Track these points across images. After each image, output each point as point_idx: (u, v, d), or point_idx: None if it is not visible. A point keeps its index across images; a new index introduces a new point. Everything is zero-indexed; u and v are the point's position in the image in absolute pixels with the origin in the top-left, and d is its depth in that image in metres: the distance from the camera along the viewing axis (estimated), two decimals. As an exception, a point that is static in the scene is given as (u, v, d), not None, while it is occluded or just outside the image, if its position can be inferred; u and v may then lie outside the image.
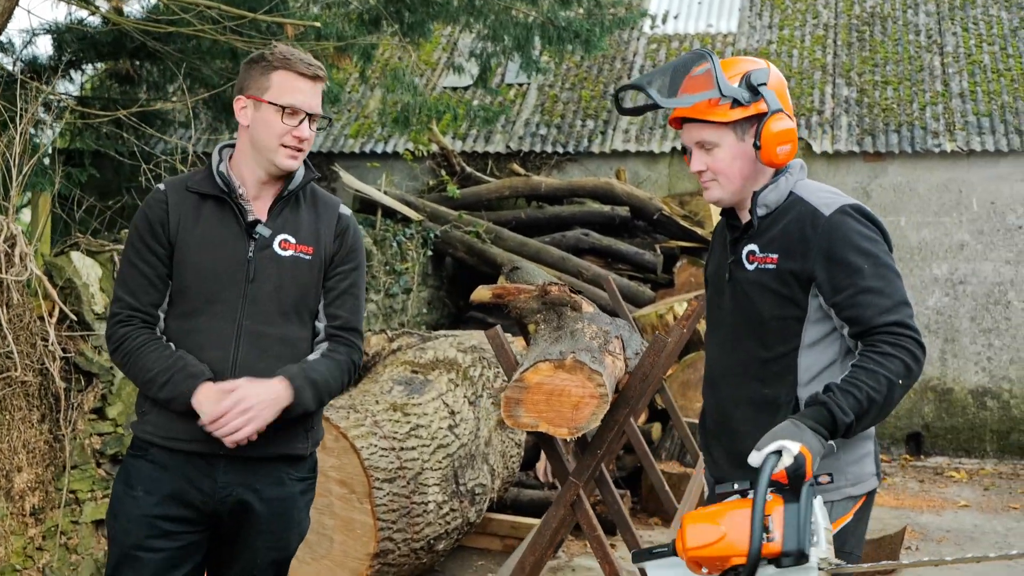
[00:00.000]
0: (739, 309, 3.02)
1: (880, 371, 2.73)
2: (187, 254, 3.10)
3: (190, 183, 3.17)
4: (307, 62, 3.11)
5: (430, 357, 6.54)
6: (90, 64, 9.84)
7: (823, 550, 2.56)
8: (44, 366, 5.60)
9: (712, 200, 3.06)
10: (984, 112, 12.04)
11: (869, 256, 2.84)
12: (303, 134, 3.09)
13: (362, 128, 13.20)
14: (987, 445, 11.72)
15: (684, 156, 3.20)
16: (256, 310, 3.10)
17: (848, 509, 2.93)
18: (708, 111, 2.92)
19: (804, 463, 2.61)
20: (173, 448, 3.09)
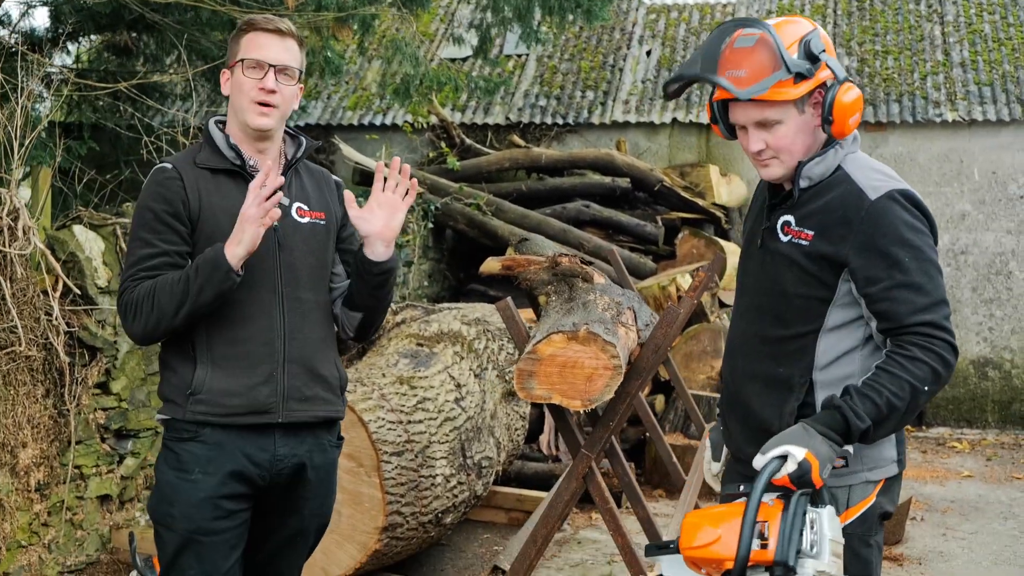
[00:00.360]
0: (764, 280, 2.89)
1: (904, 376, 2.61)
2: (216, 228, 3.05)
3: (198, 160, 3.13)
4: (271, 19, 3.13)
5: (435, 330, 6.51)
6: (88, 36, 9.76)
7: (824, 563, 2.49)
8: (48, 341, 5.57)
9: (772, 178, 2.86)
10: (985, 81, 11.99)
11: (912, 248, 2.68)
12: (267, 84, 3.07)
13: (360, 100, 13.13)
14: (989, 415, 11.74)
15: (713, 127, 2.99)
16: (292, 277, 3.13)
17: (867, 493, 2.80)
18: (776, 92, 2.71)
19: (809, 470, 2.54)
20: (230, 424, 3.07)
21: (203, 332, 3.07)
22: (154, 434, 6.32)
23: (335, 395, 3.26)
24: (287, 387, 3.10)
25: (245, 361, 3.07)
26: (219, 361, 3.07)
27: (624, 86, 12.83)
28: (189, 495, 3.06)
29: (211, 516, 3.06)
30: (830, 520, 2.54)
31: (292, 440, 3.15)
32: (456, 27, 13.53)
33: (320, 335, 3.21)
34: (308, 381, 3.15)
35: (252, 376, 3.07)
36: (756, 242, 2.95)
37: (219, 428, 3.07)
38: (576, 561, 6.56)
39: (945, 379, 2.66)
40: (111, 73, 9.59)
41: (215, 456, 3.07)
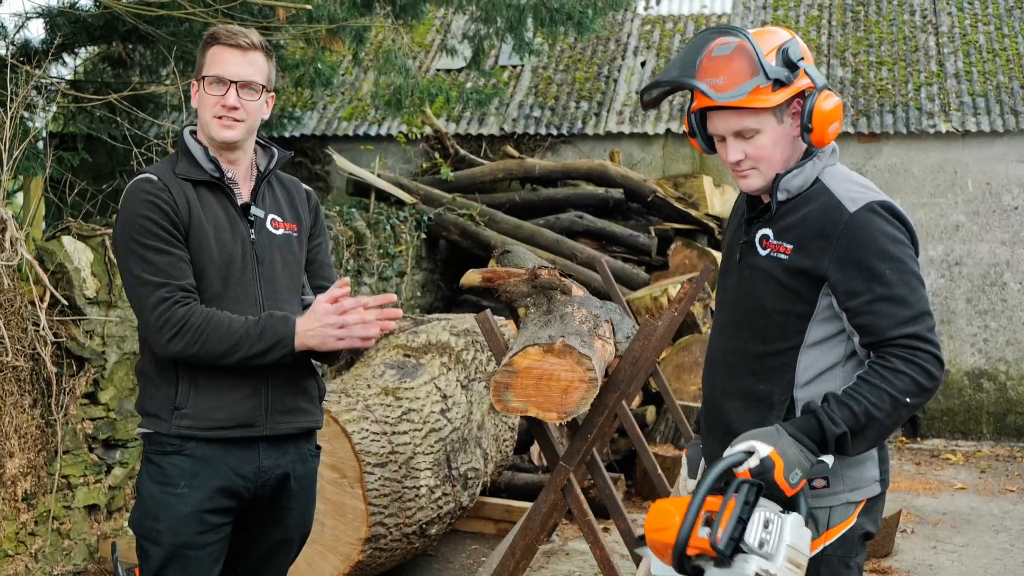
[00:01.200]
0: (743, 295, 2.86)
1: (884, 387, 2.59)
2: (201, 240, 3.07)
3: (177, 171, 3.12)
4: (234, 32, 3.11)
5: (423, 341, 6.52)
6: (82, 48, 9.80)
7: (775, 566, 2.47)
8: (36, 351, 5.59)
9: (751, 189, 2.82)
10: (979, 92, 12.01)
11: (892, 260, 2.65)
12: (228, 102, 3.07)
13: (356, 111, 13.17)
14: (983, 427, 11.73)
15: (691, 140, 2.95)
16: (271, 289, 3.14)
17: (848, 514, 2.77)
18: (753, 99, 2.67)
19: (771, 468, 2.52)
20: (214, 439, 3.07)
21: None
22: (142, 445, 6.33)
23: (314, 405, 3.28)
24: (271, 400, 3.12)
25: (230, 375, 3.06)
26: (203, 375, 3.06)
27: (618, 97, 12.86)
28: (175, 509, 3.05)
29: (196, 530, 3.06)
30: (793, 527, 2.52)
31: (275, 452, 3.16)
32: (451, 38, 13.56)
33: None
34: (291, 393, 3.17)
35: (237, 390, 3.08)
36: (735, 256, 2.92)
37: (204, 442, 3.07)
38: (564, 572, 6.57)
39: (930, 391, 2.63)
40: (106, 84, 9.63)
41: (201, 470, 3.07)
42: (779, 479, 2.53)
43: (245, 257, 3.11)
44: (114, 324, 6.08)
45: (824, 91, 2.72)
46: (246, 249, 3.11)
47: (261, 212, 3.18)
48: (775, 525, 2.52)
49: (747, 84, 2.66)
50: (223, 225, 3.11)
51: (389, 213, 10.23)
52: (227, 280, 3.08)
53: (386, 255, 9.95)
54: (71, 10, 9.00)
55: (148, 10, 7.57)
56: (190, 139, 3.19)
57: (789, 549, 2.51)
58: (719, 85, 2.68)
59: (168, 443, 3.08)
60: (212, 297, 3.07)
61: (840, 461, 2.74)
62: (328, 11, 8.24)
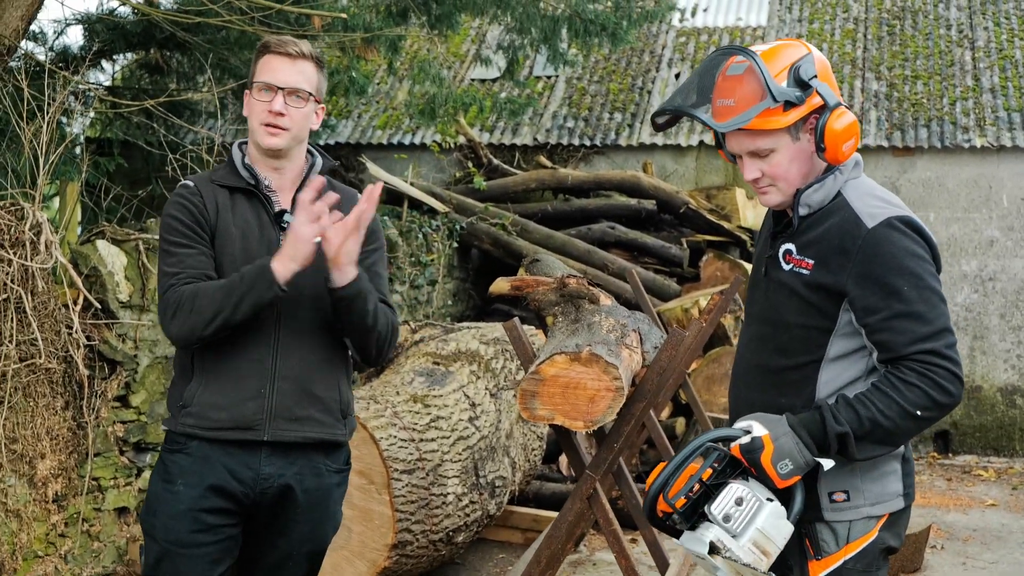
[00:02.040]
0: (767, 309, 2.87)
1: (895, 396, 2.60)
2: (226, 244, 3.12)
3: (214, 177, 3.21)
4: (284, 41, 3.15)
5: (452, 349, 6.55)
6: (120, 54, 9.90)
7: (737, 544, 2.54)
8: (68, 353, 5.65)
9: (771, 204, 2.85)
10: (1015, 107, 11.92)
11: (911, 276, 2.64)
12: (273, 107, 3.10)
13: (390, 120, 13.22)
14: (1016, 444, 11.62)
15: (719, 151, 2.97)
16: (293, 295, 3.09)
17: (869, 529, 2.76)
18: (762, 121, 2.69)
19: (760, 448, 2.58)
20: (214, 439, 3.09)
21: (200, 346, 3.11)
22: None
23: (334, 418, 3.21)
24: (276, 405, 3.10)
25: (234, 375, 3.09)
26: (209, 374, 3.11)
27: (652, 108, 12.85)
28: (170, 506, 3.09)
29: (189, 529, 3.08)
30: (771, 515, 2.58)
31: (280, 460, 3.13)
32: (485, 48, 13.60)
33: (323, 356, 3.18)
34: (301, 401, 3.13)
35: (240, 391, 3.09)
36: (761, 271, 2.93)
37: (205, 442, 3.09)
38: (589, 582, 6.56)
39: (946, 407, 2.62)
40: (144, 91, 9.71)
41: (198, 469, 3.08)
42: (765, 462, 2.59)
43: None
44: (146, 328, 6.14)
45: (837, 109, 2.71)
46: (271, 253, 3.10)
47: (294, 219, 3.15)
48: (749, 505, 2.59)
49: (755, 108, 2.67)
50: (252, 231, 3.15)
51: (422, 222, 10.27)
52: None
53: (418, 263, 9.98)
54: (110, 17, 9.10)
55: (186, 17, 7.64)
56: (235, 149, 3.26)
57: (757, 532, 2.56)
58: (729, 107, 2.71)
59: (175, 441, 3.13)
60: None
61: (861, 475, 2.76)
62: (363, 20, 8.29)
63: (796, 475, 2.62)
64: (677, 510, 2.58)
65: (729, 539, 2.56)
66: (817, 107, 2.72)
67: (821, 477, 2.74)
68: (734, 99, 2.70)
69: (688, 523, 2.62)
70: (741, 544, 2.57)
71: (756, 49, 2.76)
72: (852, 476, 2.75)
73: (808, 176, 2.80)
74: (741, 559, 2.56)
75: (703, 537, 2.59)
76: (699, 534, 2.60)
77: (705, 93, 2.77)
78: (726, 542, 2.56)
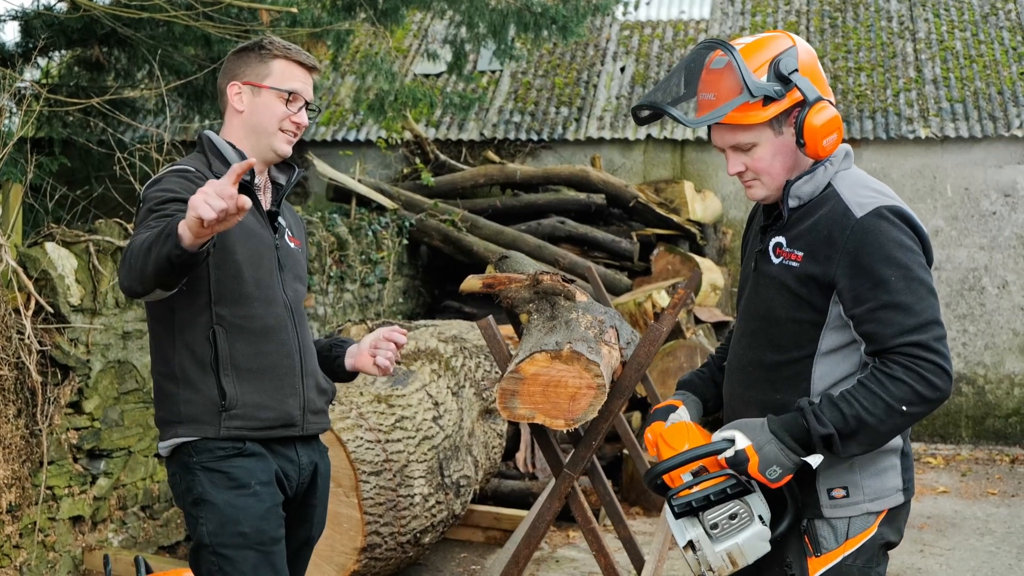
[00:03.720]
0: (758, 304, 2.83)
1: (880, 392, 2.56)
2: (233, 240, 3.03)
3: (214, 169, 3.11)
4: (305, 54, 3.19)
5: (412, 348, 6.46)
6: (58, 51, 9.67)
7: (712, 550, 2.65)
8: (20, 360, 5.48)
9: (757, 198, 2.81)
10: (957, 98, 12.07)
11: (899, 267, 2.61)
12: (303, 120, 3.13)
13: (334, 116, 13.07)
14: (963, 431, 11.78)
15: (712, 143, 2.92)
16: (293, 295, 3.21)
17: (868, 525, 2.73)
18: (740, 116, 2.66)
19: (745, 461, 2.60)
20: (263, 438, 3.09)
21: (225, 345, 3.02)
22: (127, 454, 6.24)
23: (328, 407, 3.36)
24: (306, 399, 3.17)
25: (273, 373, 3.09)
26: (245, 375, 3.05)
27: (598, 102, 12.84)
28: (255, 509, 3.04)
29: (276, 524, 3.09)
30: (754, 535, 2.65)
31: (308, 449, 3.22)
32: (430, 43, 13.50)
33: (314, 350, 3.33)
34: (318, 394, 3.24)
35: (281, 389, 3.10)
36: (750, 265, 2.90)
37: (255, 442, 3.08)
38: (555, 580, 6.52)
39: (933, 401, 2.59)
40: (82, 88, 9.49)
41: (263, 467, 3.08)
42: (754, 473, 2.61)
43: (271, 261, 3.14)
44: (99, 332, 5.98)
45: (818, 104, 2.67)
46: (271, 254, 3.14)
47: (283, 222, 3.25)
48: (740, 523, 2.66)
49: (731, 103, 2.65)
50: (252, 229, 3.10)
51: (371, 219, 10.15)
52: (259, 282, 3.09)
53: (368, 261, 9.86)
54: (47, 12, 8.87)
55: (130, 12, 7.46)
56: (220, 140, 3.17)
57: (735, 546, 2.65)
58: (710, 101, 2.70)
59: (220, 448, 3.04)
60: (247, 298, 3.06)
61: (861, 471, 2.74)
62: (311, 15, 8.16)
63: (787, 476, 2.62)
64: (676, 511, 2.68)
65: (707, 543, 2.66)
66: (798, 100, 2.68)
67: (820, 474, 2.71)
68: (715, 93, 2.69)
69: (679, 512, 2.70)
70: (716, 550, 2.65)
71: (740, 42, 2.73)
72: (851, 472, 2.72)
73: (793, 169, 2.76)
74: (711, 563, 2.66)
75: (685, 532, 2.68)
76: (683, 525, 2.70)
77: (691, 86, 2.76)
78: (703, 545, 2.66)
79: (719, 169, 12.15)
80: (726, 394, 2.99)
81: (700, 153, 12.24)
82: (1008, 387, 11.74)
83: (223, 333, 3.02)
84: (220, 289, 3.03)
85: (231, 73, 3.15)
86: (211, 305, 3.03)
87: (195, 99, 9.46)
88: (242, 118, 3.13)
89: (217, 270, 3.02)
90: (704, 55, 2.74)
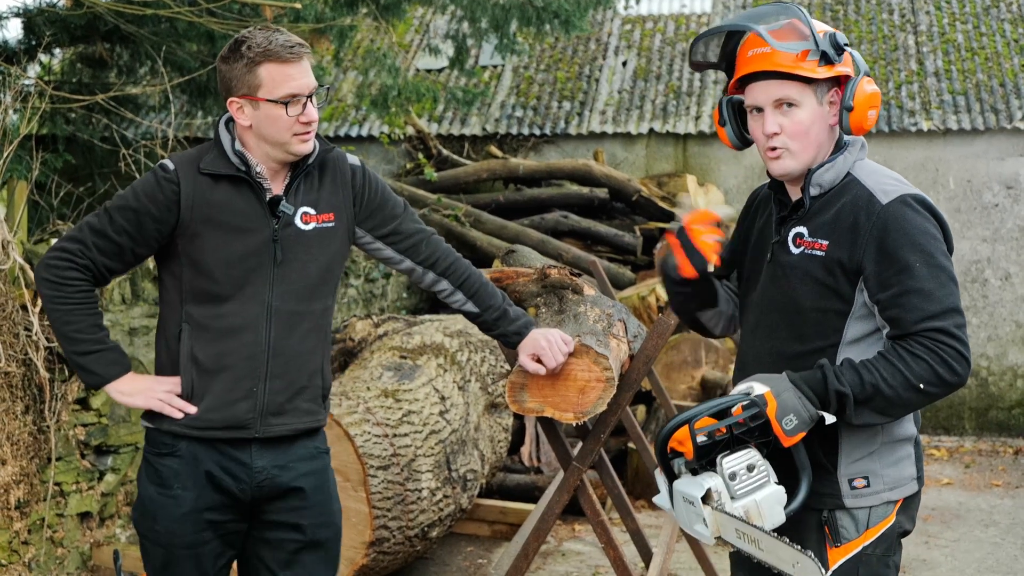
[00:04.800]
0: (776, 294, 2.83)
1: (900, 366, 2.57)
2: (207, 240, 3.01)
3: (202, 164, 3.05)
4: (287, 45, 2.98)
5: (417, 342, 6.46)
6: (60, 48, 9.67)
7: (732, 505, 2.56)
8: (27, 356, 5.49)
9: (780, 172, 2.78)
10: (959, 91, 12.07)
11: (924, 253, 2.62)
12: (310, 117, 3.02)
13: (336, 111, 13.08)
14: (966, 423, 11.79)
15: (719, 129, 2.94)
16: (284, 290, 3.07)
17: (887, 514, 2.75)
18: (796, 64, 2.65)
19: (764, 405, 2.58)
20: (205, 439, 3.05)
21: (188, 343, 3.04)
22: (134, 450, 6.25)
23: (317, 404, 3.20)
24: (267, 402, 3.07)
25: (229, 374, 3.04)
26: (203, 375, 3.04)
27: (600, 96, 12.84)
28: (171, 510, 3.05)
29: (194, 529, 3.06)
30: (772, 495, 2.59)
31: (271, 453, 3.11)
32: (432, 38, 13.49)
33: (309, 346, 3.15)
34: (290, 395, 3.11)
35: (233, 391, 3.05)
36: (764, 257, 2.89)
37: (195, 441, 3.06)
38: (561, 573, 6.53)
39: (951, 385, 2.60)
40: (85, 85, 9.49)
41: (193, 470, 3.05)
42: (771, 417, 2.57)
43: (262, 257, 3.05)
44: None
45: (867, 76, 2.72)
46: (265, 247, 3.05)
47: (291, 207, 3.08)
48: (758, 475, 2.60)
49: (798, 43, 2.66)
50: (243, 223, 3.04)
51: (374, 214, 10.13)
52: (237, 281, 3.03)
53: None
54: (50, 9, 8.88)
55: (133, 8, 7.46)
56: (223, 130, 3.10)
57: (753, 503, 2.58)
58: (764, 53, 2.68)
59: (162, 443, 3.08)
60: (219, 298, 3.04)
61: (880, 460, 2.74)
62: (315, 10, 8.17)
63: (801, 431, 2.59)
64: (696, 444, 2.57)
65: (727, 495, 2.58)
66: (841, 75, 2.71)
67: (840, 465, 2.72)
68: (771, 47, 2.67)
69: (694, 465, 2.62)
70: (735, 505, 2.58)
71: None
72: (871, 462, 2.74)
73: (820, 149, 2.77)
74: (731, 514, 2.57)
75: (702, 483, 2.59)
76: (699, 479, 2.60)
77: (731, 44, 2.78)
78: (723, 497, 2.58)
79: (721, 163, 12.14)
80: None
81: (703, 147, 12.24)
82: (1011, 379, 11.75)
83: (188, 331, 3.04)
84: (192, 288, 3.05)
85: (226, 87, 3.04)
86: (182, 304, 3.06)
87: (198, 95, 9.46)
88: (252, 132, 3.05)
89: (190, 270, 3.04)
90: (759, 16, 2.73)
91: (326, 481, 3.25)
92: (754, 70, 2.71)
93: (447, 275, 3.41)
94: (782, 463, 2.67)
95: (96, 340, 3.07)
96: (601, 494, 6.81)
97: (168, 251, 3.09)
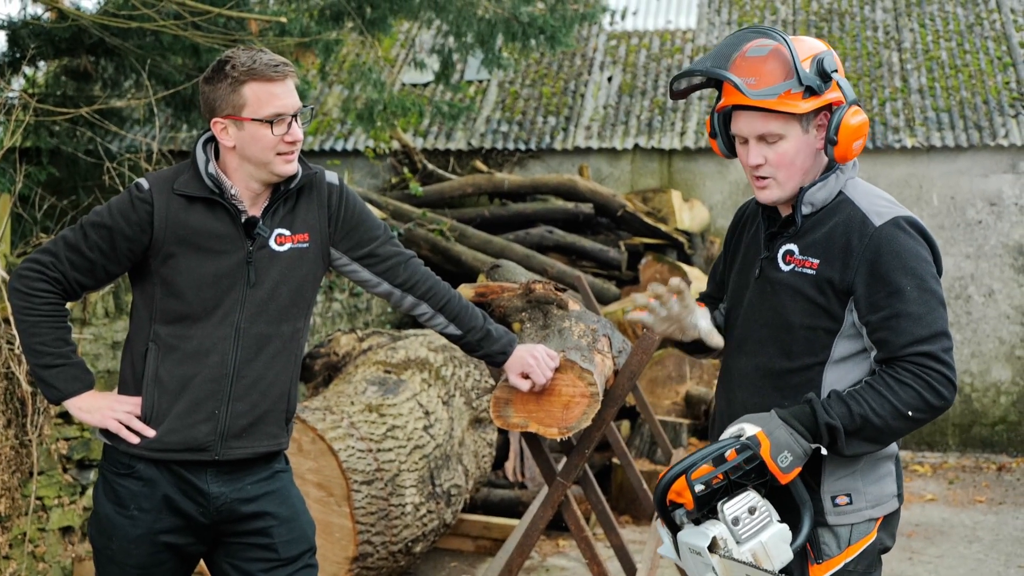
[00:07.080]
0: (765, 311, 2.83)
1: (887, 395, 2.59)
2: (180, 261, 3.00)
3: (176, 185, 3.02)
4: (271, 64, 2.97)
5: (402, 357, 6.46)
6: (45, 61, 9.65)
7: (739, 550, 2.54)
8: (10, 370, 5.46)
9: (769, 200, 2.79)
10: (943, 108, 12.13)
11: (915, 277, 2.64)
12: (296, 136, 3.00)
13: (321, 125, 13.07)
14: (949, 439, 11.81)
15: (711, 142, 2.93)
16: (255, 312, 3.04)
17: (869, 531, 2.77)
18: (782, 103, 2.65)
19: (757, 447, 2.58)
20: (162, 460, 3.02)
21: (153, 363, 3.02)
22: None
23: (279, 428, 3.16)
24: (228, 426, 3.04)
25: (191, 396, 3.01)
26: (166, 396, 3.02)
27: (586, 112, 12.87)
28: (127, 531, 3.03)
29: (149, 551, 3.04)
30: (777, 534, 2.58)
31: (229, 476, 3.08)
32: (418, 52, 13.51)
33: (275, 369, 3.11)
34: (252, 419, 3.08)
35: (193, 414, 3.02)
36: (752, 273, 2.89)
37: (152, 463, 3.03)
38: (545, 589, 6.52)
39: (938, 409, 2.62)
40: (69, 98, 9.47)
41: (150, 492, 3.03)
42: (766, 457, 2.58)
43: (235, 279, 3.03)
44: (88, 342, 5.97)
45: (853, 106, 2.70)
46: (239, 269, 3.03)
47: (267, 230, 3.06)
48: (760, 517, 2.59)
49: (779, 86, 2.65)
50: (216, 245, 3.02)
51: (359, 228, 10.11)
52: (208, 302, 3.01)
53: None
54: (35, 22, 8.85)
55: (118, 22, 7.45)
56: (199, 152, 3.07)
57: (760, 546, 2.57)
58: (751, 84, 2.66)
59: (120, 462, 3.06)
60: (189, 318, 3.02)
61: (862, 478, 2.75)
62: (300, 24, 8.17)
63: (797, 466, 2.61)
64: (695, 494, 2.56)
65: (732, 541, 2.57)
66: (832, 102, 2.70)
67: (824, 482, 2.73)
68: (756, 78, 2.66)
69: (696, 514, 2.61)
70: (741, 551, 2.57)
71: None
72: (854, 479, 2.75)
73: (808, 174, 2.77)
74: (739, 560, 2.56)
75: (707, 531, 2.58)
76: (702, 528, 2.59)
77: (721, 66, 2.73)
78: (729, 542, 2.57)
79: (706, 179, 12.18)
80: (724, 402, 2.99)
81: (687, 163, 12.27)
82: (995, 395, 11.79)
83: (154, 351, 3.02)
84: (162, 308, 3.03)
85: (209, 107, 3.00)
86: (151, 322, 3.04)
87: (183, 108, 9.44)
88: (235, 152, 3.02)
89: (162, 289, 3.02)
90: (742, 41, 2.74)
91: (289, 496, 3.20)
92: (737, 103, 2.72)
93: (427, 298, 3.32)
94: (780, 499, 2.68)
95: (60, 355, 3.03)
96: (585, 509, 6.81)
97: (141, 270, 3.07)
